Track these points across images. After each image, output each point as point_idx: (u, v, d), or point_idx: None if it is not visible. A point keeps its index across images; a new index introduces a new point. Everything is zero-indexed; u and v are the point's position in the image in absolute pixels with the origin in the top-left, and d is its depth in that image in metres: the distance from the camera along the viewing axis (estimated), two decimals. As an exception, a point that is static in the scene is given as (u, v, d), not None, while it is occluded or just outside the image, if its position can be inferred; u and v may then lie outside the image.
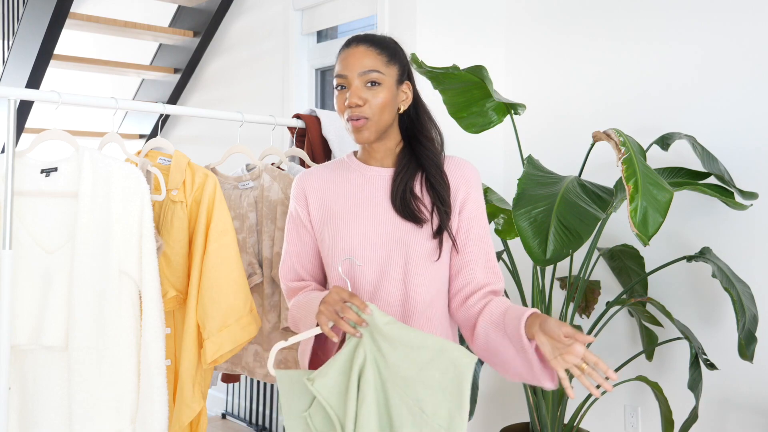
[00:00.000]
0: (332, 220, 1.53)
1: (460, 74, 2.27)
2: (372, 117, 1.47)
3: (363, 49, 1.48)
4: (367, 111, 1.46)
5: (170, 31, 3.85)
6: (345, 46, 1.51)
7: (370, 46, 1.49)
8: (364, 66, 1.47)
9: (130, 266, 1.75)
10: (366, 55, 1.48)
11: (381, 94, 1.47)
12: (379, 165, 1.56)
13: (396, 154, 1.55)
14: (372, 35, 1.52)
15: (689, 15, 2.45)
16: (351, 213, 1.52)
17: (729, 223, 2.33)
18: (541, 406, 2.28)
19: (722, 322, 2.34)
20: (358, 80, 1.46)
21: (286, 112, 3.36)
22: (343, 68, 1.48)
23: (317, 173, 1.60)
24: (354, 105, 1.45)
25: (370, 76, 1.46)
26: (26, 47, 3.41)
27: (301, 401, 1.40)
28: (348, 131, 1.51)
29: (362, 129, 1.47)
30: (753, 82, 2.30)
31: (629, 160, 1.87)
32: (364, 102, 1.46)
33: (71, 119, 4.95)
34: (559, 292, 2.66)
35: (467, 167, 1.55)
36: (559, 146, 2.76)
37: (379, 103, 1.47)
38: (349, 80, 1.47)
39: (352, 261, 1.48)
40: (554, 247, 1.89)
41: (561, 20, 2.81)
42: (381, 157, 1.55)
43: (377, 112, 1.47)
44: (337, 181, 1.57)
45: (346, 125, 1.50)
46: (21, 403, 1.75)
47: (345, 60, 1.49)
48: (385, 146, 1.54)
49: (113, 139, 1.94)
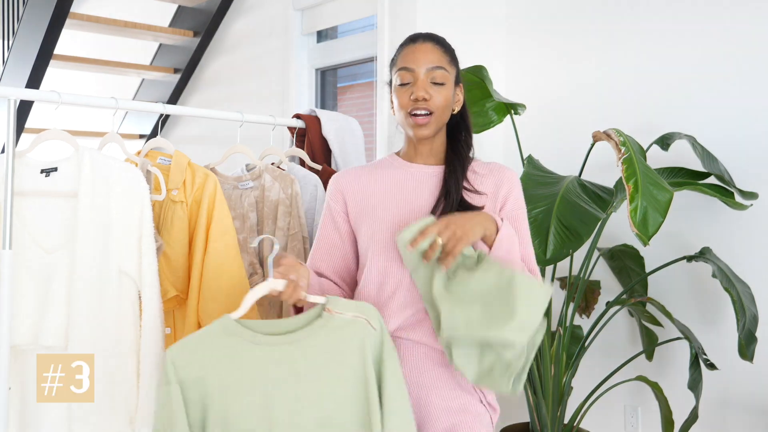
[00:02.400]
0: (371, 214, 1.55)
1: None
2: (436, 112, 1.50)
3: (430, 45, 1.51)
4: (432, 106, 1.49)
5: (170, 31, 3.85)
6: (410, 42, 1.53)
7: (436, 44, 1.53)
8: (432, 62, 1.49)
9: (130, 266, 1.75)
10: (433, 52, 1.51)
11: (444, 92, 1.51)
12: (423, 163, 1.58)
13: (441, 153, 1.58)
14: (435, 34, 1.56)
15: (689, 15, 2.45)
16: (391, 207, 1.54)
17: (729, 223, 2.33)
18: (541, 406, 2.28)
19: (722, 322, 2.33)
20: (425, 75, 1.49)
21: (286, 112, 3.36)
22: (410, 62, 1.50)
23: (354, 171, 1.63)
24: (421, 98, 1.47)
25: (437, 74, 1.49)
26: (26, 47, 3.41)
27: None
28: (406, 126, 1.53)
29: (425, 125, 1.50)
30: (753, 82, 2.30)
31: (629, 160, 1.87)
32: (430, 97, 1.48)
33: (71, 119, 4.94)
34: (559, 292, 2.66)
35: (510, 169, 1.59)
36: (559, 146, 2.76)
37: (442, 101, 1.50)
38: (416, 74, 1.49)
39: (387, 257, 1.50)
40: (554, 247, 1.89)
41: (561, 20, 2.81)
42: (426, 155, 1.58)
43: (440, 109, 1.50)
44: (377, 178, 1.59)
45: (405, 120, 1.52)
46: (21, 403, 1.75)
47: (412, 54, 1.50)
48: (433, 145, 1.58)
49: (113, 139, 1.94)
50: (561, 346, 2.26)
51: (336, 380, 1.38)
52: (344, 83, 3.60)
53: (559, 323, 2.29)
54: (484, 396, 1.54)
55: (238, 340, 1.39)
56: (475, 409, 1.51)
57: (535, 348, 1.44)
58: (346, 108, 3.55)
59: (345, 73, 3.56)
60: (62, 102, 1.82)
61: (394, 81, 1.54)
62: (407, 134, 1.57)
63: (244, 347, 1.38)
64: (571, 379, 2.29)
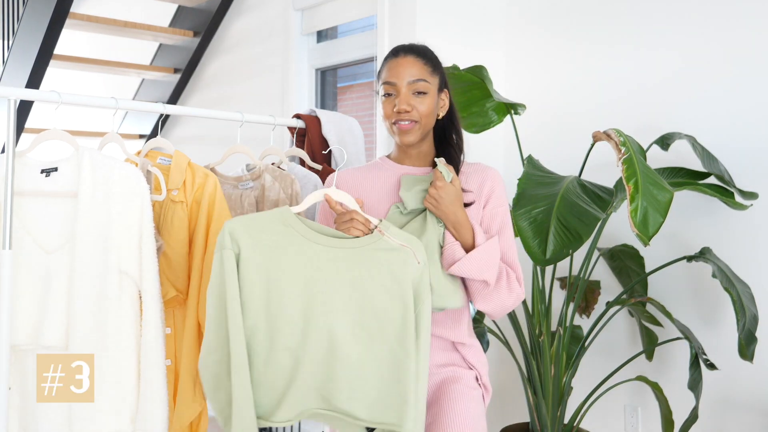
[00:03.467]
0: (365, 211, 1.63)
1: (460, 74, 2.27)
2: (420, 121, 1.59)
3: (411, 59, 1.60)
4: (415, 116, 1.59)
5: (170, 31, 3.85)
6: (392, 56, 1.63)
7: (417, 56, 1.61)
8: (413, 75, 1.59)
9: (130, 266, 1.75)
10: (413, 65, 1.60)
11: (426, 101, 1.60)
12: (411, 165, 1.69)
13: (429, 156, 1.69)
14: (416, 46, 1.65)
15: (689, 15, 2.45)
16: (379, 206, 1.64)
17: (729, 223, 2.33)
18: (541, 406, 2.28)
19: (722, 322, 2.33)
20: (407, 88, 1.59)
21: (286, 112, 3.36)
22: (392, 76, 1.60)
23: (350, 172, 1.73)
24: (403, 111, 1.58)
25: (418, 86, 1.59)
26: (26, 47, 3.41)
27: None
28: (392, 133, 1.64)
29: (409, 132, 1.60)
30: (753, 82, 2.30)
31: (629, 160, 1.87)
32: (412, 108, 1.59)
33: (71, 119, 4.94)
34: (559, 292, 2.66)
35: (493, 169, 1.70)
36: (559, 146, 2.76)
37: (425, 110, 1.60)
38: (398, 88, 1.60)
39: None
40: (554, 247, 1.89)
41: (561, 20, 2.81)
42: (415, 158, 1.69)
43: (424, 117, 1.60)
44: (369, 179, 1.69)
45: (391, 128, 1.63)
46: (21, 403, 1.75)
47: (394, 69, 1.60)
48: (421, 149, 1.68)
49: (113, 139, 1.94)
50: (561, 346, 2.26)
51: (373, 294, 1.45)
52: (344, 83, 3.60)
53: (559, 323, 2.29)
54: (481, 376, 1.67)
55: (292, 232, 1.47)
56: (468, 382, 1.63)
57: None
58: (346, 108, 3.55)
59: (345, 73, 3.56)
60: (62, 102, 1.82)
61: (380, 92, 1.64)
62: (396, 141, 1.68)
63: (297, 239, 1.47)
64: (571, 379, 2.29)
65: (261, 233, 1.45)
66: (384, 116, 1.63)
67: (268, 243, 1.45)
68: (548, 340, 2.26)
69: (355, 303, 1.45)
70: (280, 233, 1.46)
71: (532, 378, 2.29)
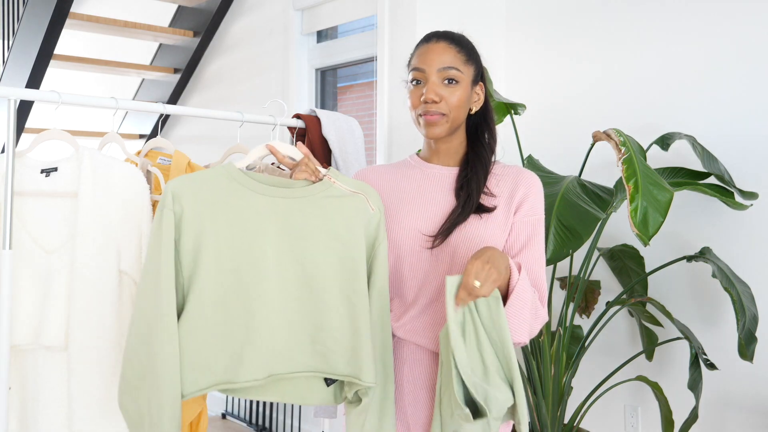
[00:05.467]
0: (391, 215, 1.52)
1: (460, 74, 2.26)
2: (448, 114, 1.46)
3: (443, 45, 1.47)
4: (444, 108, 1.45)
5: (170, 31, 3.85)
6: (424, 41, 1.50)
7: (450, 43, 1.48)
8: (444, 62, 1.45)
9: (130, 266, 1.75)
10: (446, 52, 1.46)
11: (458, 92, 1.46)
12: (440, 164, 1.55)
13: (460, 154, 1.54)
14: (452, 32, 1.51)
15: (689, 15, 2.45)
16: (404, 207, 1.51)
17: (729, 223, 2.33)
18: (541, 406, 2.28)
19: (722, 322, 2.33)
20: (436, 76, 1.45)
21: (286, 112, 3.36)
22: (422, 62, 1.46)
23: (377, 169, 1.61)
24: (430, 101, 1.44)
25: (449, 73, 1.45)
26: (26, 47, 3.41)
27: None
28: (418, 125, 1.50)
29: (435, 124, 1.46)
30: (753, 82, 2.30)
31: (629, 160, 1.87)
32: (441, 99, 1.44)
33: (71, 119, 4.95)
34: (559, 292, 2.66)
35: (530, 173, 1.52)
36: (559, 146, 2.76)
37: (455, 101, 1.45)
38: (427, 75, 1.46)
39: (399, 257, 1.51)
40: (554, 247, 1.89)
41: (561, 20, 2.81)
42: (444, 155, 1.54)
43: (454, 110, 1.46)
44: (395, 178, 1.57)
45: (416, 119, 1.49)
46: (21, 403, 1.75)
47: (424, 54, 1.47)
48: (450, 145, 1.53)
49: (113, 139, 1.94)
50: (561, 346, 2.26)
51: (325, 245, 1.42)
52: (344, 83, 3.61)
53: (559, 323, 2.29)
54: None
55: (238, 186, 1.43)
56: None
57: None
58: (346, 108, 3.55)
59: (345, 73, 3.56)
60: (62, 102, 1.81)
61: (408, 80, 1.51)
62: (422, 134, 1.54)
63: (244, 193, 1.42)
64: (571, 379, 2.29)
65: (205, 191, 1.40)
66: (410, 106, 1.49)
67: (212, 199, 1.40)
68: (548, 340, 2.26)
69: (306, 252, 1.41)
70: (225, 188, 1.41)
71: (532, 378, 2.30)
